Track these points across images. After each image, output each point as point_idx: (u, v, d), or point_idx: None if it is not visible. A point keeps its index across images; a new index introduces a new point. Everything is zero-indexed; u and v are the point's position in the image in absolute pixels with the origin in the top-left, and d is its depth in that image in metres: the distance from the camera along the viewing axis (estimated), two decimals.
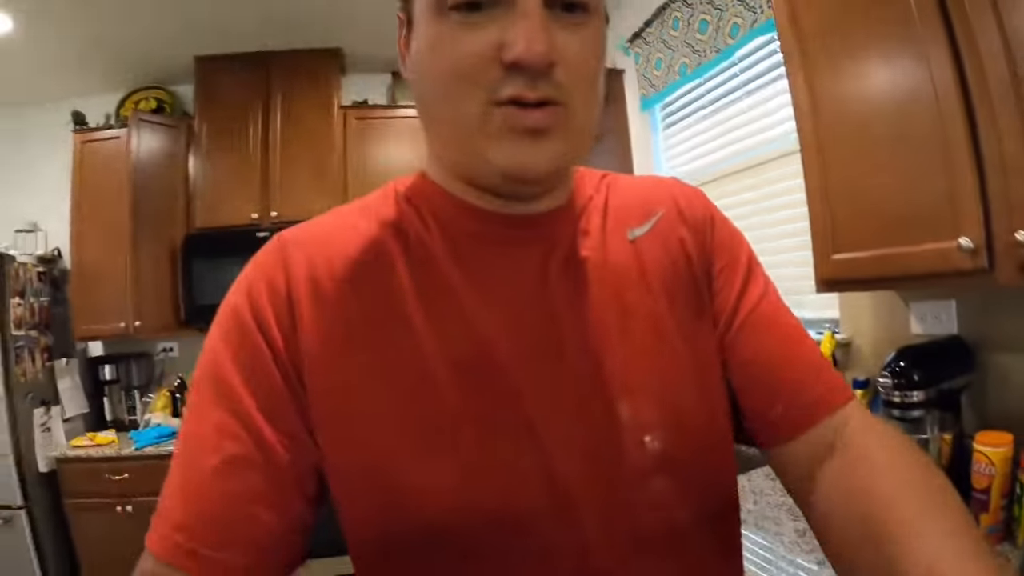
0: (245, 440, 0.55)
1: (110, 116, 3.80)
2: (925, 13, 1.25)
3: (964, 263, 1.23)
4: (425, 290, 0.59)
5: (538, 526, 0.55)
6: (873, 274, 1.47)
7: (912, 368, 1.47)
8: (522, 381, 0.57)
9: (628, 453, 0.58)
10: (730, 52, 2.51)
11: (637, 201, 0.70)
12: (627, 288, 0.64)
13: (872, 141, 1.45)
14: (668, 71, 2.87)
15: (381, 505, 0.55)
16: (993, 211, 1.19)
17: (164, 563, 0.52)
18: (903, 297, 1.82)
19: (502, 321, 0.58)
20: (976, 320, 1.62)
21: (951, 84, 1.22)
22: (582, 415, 0.58)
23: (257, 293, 0.58)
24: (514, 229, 0.63)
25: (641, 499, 0.58)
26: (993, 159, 1.17)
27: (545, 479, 0.55)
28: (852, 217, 1.53)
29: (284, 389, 0.56)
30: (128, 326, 3.45)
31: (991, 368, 1.57)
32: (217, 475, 0.54)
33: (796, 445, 0.63)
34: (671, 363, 0.62)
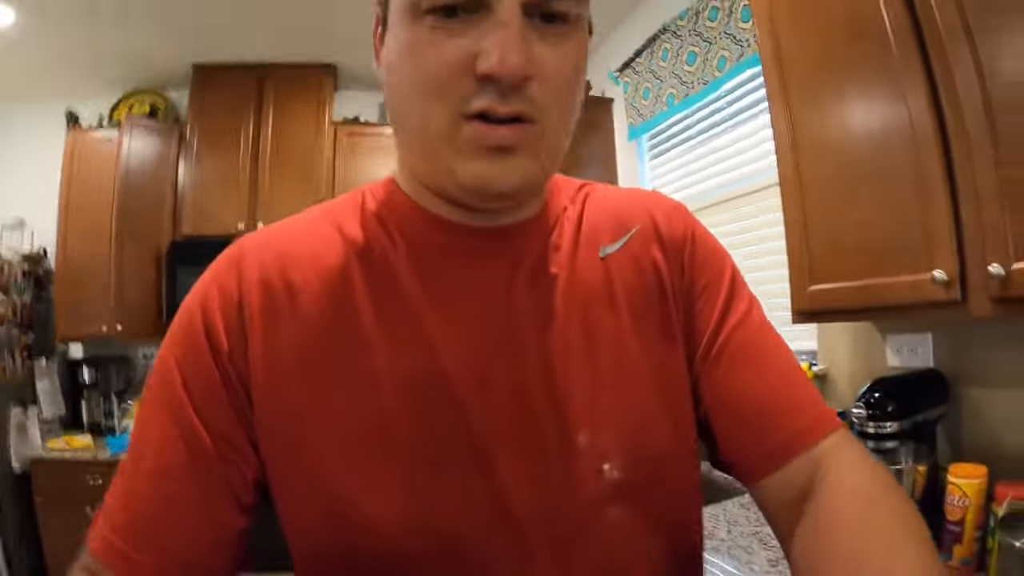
0: (181, 447, 0.54)
1: (103, 117, 3.81)
2: (904, 50, 1.29)
3: (938, 295, 1.26)
4: (383, 308, 0.57)
5: (485, 554, 0.54)
6: (848, 305, 1.50)
7: (887, 399, 1.49)
8: (476, 405, 0.55)
9: (584, 482, 0.56)
10: (717, 85, 2.55)
11: (612, 215, 0.68)
12: (594, 308, 0.61)
13: (850, 176, 1.49)
14: (656, 101, 2.92)
15: (325, 523, 0.54)
16: (967, 244, 1.22)
17: (95, 559, 0.53)
18: (880, 329, 1.85)
19: (462, 340, 0.57)
20: (952, 353, 1.64)
21: (927, 119, 1.26)
22: (536, 442, 0.56)
23: (210, 298, 0.57)
24: (481, 241, 0.61)
25: (597, 530, 0.56)
26: (968, 193, 1.21)
27: (494, 507, 0.54)
28: (829, 249, 1.56)
29: (226, 398, 0.55)
30: (110, 329, 3.43)
31: (966, 401, 1.59)
32: (152, 479, 0.54)
33: (772, 481, 0.60)
34: (634, 388, 0.60)
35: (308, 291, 0.57)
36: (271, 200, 3.58)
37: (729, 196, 2.56)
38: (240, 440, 0.56)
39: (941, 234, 1.25)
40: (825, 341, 2.07)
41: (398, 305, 0.57)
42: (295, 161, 3.62)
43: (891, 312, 1.41)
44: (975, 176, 1.18)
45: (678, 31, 2.74)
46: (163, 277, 3.53)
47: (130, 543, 0.53)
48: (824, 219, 1.57)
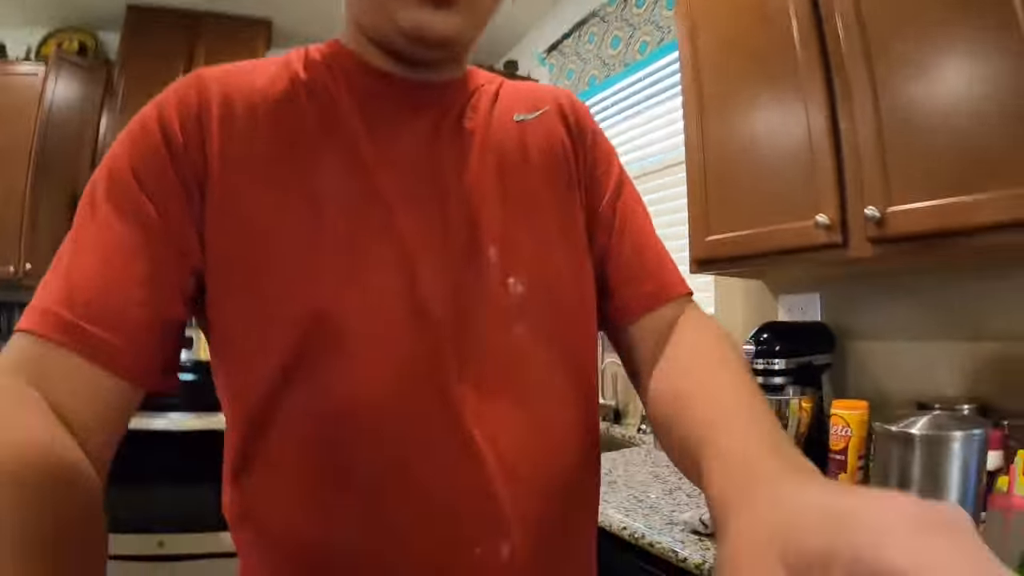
0: (130, 230, 0.55)
1: (31, 50, 3.69)
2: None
3: (820, 238, 1.42)
4: (327, 133, 0.62)
5: (400, 340, 0.58)
6: (741, 252, 1.66)
7: (774, 340, 1.64)
8: (405, 219, 0.60)
9: (493, 293, 0.62)
10: (637, 67, 2.71)
11: (527, 95, 0.76)
12: (508, 158, 0.69)
13: (746, 136, 1.66)
14: (578, 81, 3.06)
15: (257, 303, 0.57)
16: (848, 191, 1.38)
17: (42, 340, 0.50)
18: (772, 290, 2.02)
19: (394, 169, 0.62)
20: (839, 311, 1.82)
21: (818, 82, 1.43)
22: (454, 252, 0.62)
23: (167, 105, 0.60)
24: (414, 90, 0.66)
25: (506, 344, 0.62)
26: (849, 147, 1.36)
27: (414, 308, 0.59)
28: (724, 201, 1.73)
29: (178, 186, 0.57)
30: (18, 270, 3.31)
31: (851, 353, 1.78)
32: (100, 260, 0.54)
33: (645, 321, 0.72)
34: (539, 219, 0.68)
35: (262, 110, 0.61)
36: None
37: (643, 172, 2.71)
38: (189, 230, 0.57)
39: (824, 184, 1.42)
40: (722, 302, 2.25)
41: (340, 133, 0.62)
42: None
43: (779, 258, 1.57)
44: (856, 133, 1.35)
45: (605, 17, 2.89)
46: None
47: (82, 316, 0.51)
48: (721, 175, 1.75)
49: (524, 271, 0.64)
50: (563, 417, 0.65)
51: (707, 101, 1.78)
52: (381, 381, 0.57)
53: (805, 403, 1.56)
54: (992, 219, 1.12)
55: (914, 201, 1.25)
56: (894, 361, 1.67)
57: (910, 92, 1.25)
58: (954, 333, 1.54)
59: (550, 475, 0.62)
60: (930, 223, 1.22)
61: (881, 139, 1.30)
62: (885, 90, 1.29)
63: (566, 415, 0.66)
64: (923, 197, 1.23)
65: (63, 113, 3.44)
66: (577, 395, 0.67)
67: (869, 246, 1.34)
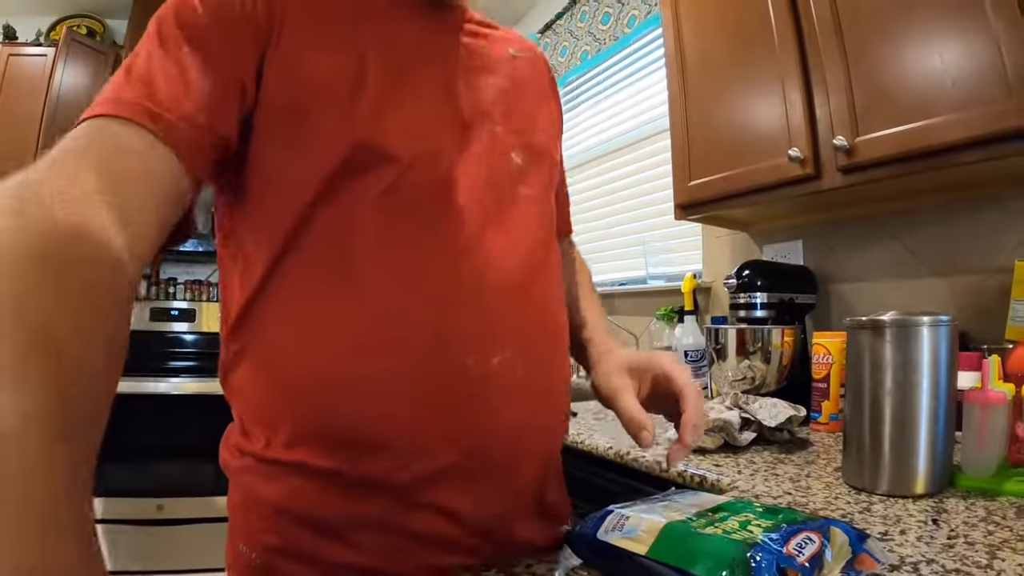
0: (201, 58, 0.59)
1: (41, 34, 3.79)
2: None
3: (794, 171, 1.50)
4: (367, 14, 0.70)
5: (445, 162, 0.69)
6: (721, 192, 1.74)
7: (756, 275, 1.70)
8: (434, 77, 0.72)
9: (504, 163, 0.76)
10: (627, 40, 2.78)
11: (516, 39, 0.89)
12: (509, 70, 0.82)
13: (723, 83, 1.74)
14: (571, 58, 3.14)
15: (303, 138, 0.64)
16: (819, 127, 1.45)
17: (120, 119, 0.53)
18: (757, 242, 2.09)
19: (422, 50, 0.72)
20: (820, 256, 1.89)
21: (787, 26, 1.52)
22: (476, 126, 0.74)
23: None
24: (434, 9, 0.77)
25: (516, 201, 0.76)
26: (819, 86, 1.45)
27: (448, 128, 0.72)
28: (704, 148, 1.81)
29: (246, 31, 0.62)
30: None
31: (833, 295, 1.84)
32: (175, 73, 0.58)
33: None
34: (532, 110, 0.84)
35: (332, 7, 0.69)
36: None
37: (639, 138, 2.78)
38: (250, 71, 0.63)
39: (796, 120, 1.50)
40: (709, 257, 2.32)
41: (376, 17, 0.71)
42: None
43: (758, 197, 1.64)
44: (825, 71, 1.43)
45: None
46: None
47: (156, 104, 0.55)
48: (701, 124, 1.83)
49: (520, 148, 0.79)
50: (541, 236, 0.80)
51: (688, 59, 1.86)
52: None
53: (787, 335, 1.61)
54: (952, 138, 1.20)
55: (880, 129, 1.32)
56: (875, 300, 1.73)
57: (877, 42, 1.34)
58: (932, 270, 1.60)
59: (524, 281, 0.73)
60: (895, 148, 1.29)
61: (849, 78, 1.39)
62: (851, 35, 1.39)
63: (542, 235, 0.80)
64: (888, 125, 1.31)
65: (72, 93, 3.52)
66: (541, 222, 0.81)
67: (840, 176, 1.42)
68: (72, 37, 3.54)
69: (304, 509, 0.65)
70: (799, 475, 1.04)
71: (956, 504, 0.85)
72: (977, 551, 0.67)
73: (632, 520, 0.59)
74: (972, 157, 1.20)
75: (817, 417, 1.46)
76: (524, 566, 0.65)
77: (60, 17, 3.88)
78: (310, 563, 0.65)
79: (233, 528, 0.71)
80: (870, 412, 0.94)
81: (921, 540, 0.71)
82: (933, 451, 0.90)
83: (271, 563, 0.66)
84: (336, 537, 0.65)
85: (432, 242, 0.67)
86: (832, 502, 0.88)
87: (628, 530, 0.58)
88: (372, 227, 0.65)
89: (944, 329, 0.92)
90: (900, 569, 0.62)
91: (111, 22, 3.90)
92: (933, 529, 0.75)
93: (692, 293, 2.18)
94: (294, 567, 0.65)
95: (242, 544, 0.68)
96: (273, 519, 0.66)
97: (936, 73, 1.23)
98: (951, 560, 0.65)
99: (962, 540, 0.71)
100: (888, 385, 0.92)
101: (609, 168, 2.94)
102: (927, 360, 0.91)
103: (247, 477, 0.69)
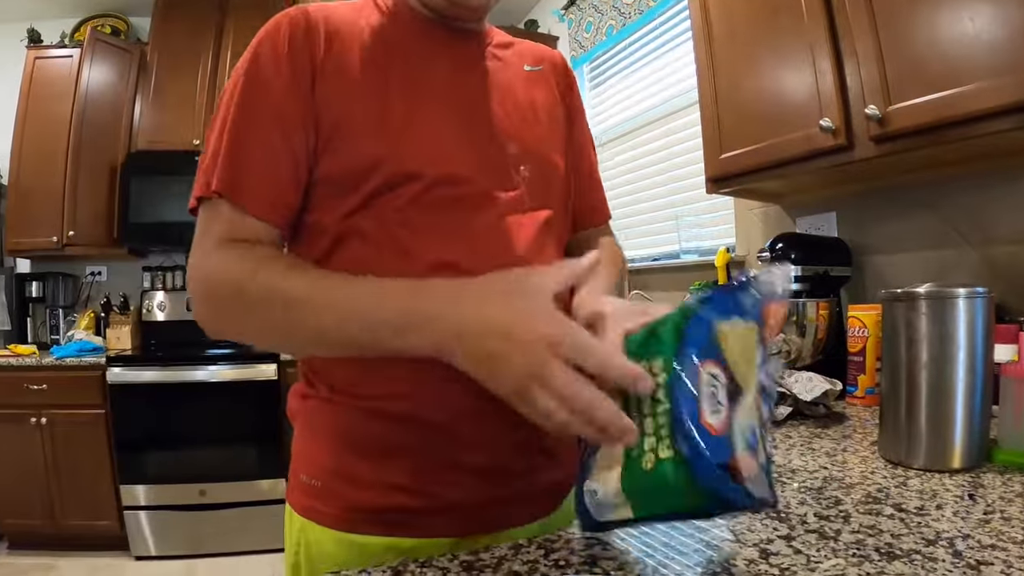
0: (275, 111, 0.75)
1: (65, 36, 3.85)
2: None
3: (827, 142, 1.48)
4: (391, 53, 0.82)
5: (477, 192, 0.80)
6: (753, 164, 1.71)
7: (789, 248, 1.69)
8: (442, 109, 0.82)
9: (511, 175, 0.84)
10: (652, 13, 2.75)
11: (531, 52, 0.99)
12: (517, 87, 0.91)
13: (752, 56, 1.72)
14: (596, 33, 3.12)
15: (345, 160, 0.77)
16: (850, 96, 1.43)
17: (230, 205, 0.74)
18: (790, 215, 2.07)
19: (434, 81, 0.83)
20: (855, 227, 1.86)
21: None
22: (488, 146, 0.84)
23: (280, 24, 0.78)
24: (450, 34, 0.87)
25: (516, 202, 0.84)
26: (849, 55, 1.42)
27: (461, 147, 0.81)
28: (735, 121, 1.79)
29: (306, 82, 0.76)
30: (60, 239, 3.49)
31: (868, 266, 1.82)
32: (259, 147, 0.75)
33: (581, 235, 1.02)
34: (540, 131, 0.91)
35: (348, 32, 0.81)
36: None
37: (668, 112, 2.76)
38: (309, 115, 0.76)
39: (827, 90, 1.47)
40: (742, 231, 2.30)
41: (399, 55, 0.82)
42: None
43: (790, 169, 1.62)
44: (855, 39, 1.41)
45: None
46: (117, 189, 3.61)
47: (250, 196, 0.74)
48: (730, 96, 1.81)
49: (529, 162, 0.86)
50: (549, 242, 0.89)
51: (715, 30, 1.84)
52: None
53: (822, 308, 1.60)
54: (985, 106, 1.18)
55: (912, 98, 1.30)
56: (910, 272, 1.69)
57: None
58: (968, 241, 1.57)
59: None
60: (928, 116, 1.27)
61: (879, 46, 1.36)
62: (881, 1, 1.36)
63: (549, 245, 0.89)
64: (920, 93, 1.29)
65: (100, 89, 3.60)
66: (559, 236, 0.93)
67: (873, 145, 1.40)
68: (96, 37, 3.60)
69: (355, 436, 0.79)
70: (835, 449, 1.05)
71: (993, 479, 0.85)
72: (1013, 526, 0.67)
73: (599, 493, 0.59)
74: (1006, 124, 1.17)
75: (853, 391, 1.43)
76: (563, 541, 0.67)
77: (84, 18, 3.94)
78: (359, 484, 0.78)
79: (295, 466, 0.84)
80: (906, 386, 0.93)
81: (957, 515, 0.71)
82: (969, 425, 0.89)
83: (328, 484, 0.79)
84: (381, 461, 0.77)
85: (452, 246, 0.78)
86: (868, 476, 0.88)
87: (605, 504, 0.59)
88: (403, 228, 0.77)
89: (980, 301, 0.90)
90: (936, 544, 0.63)
91: (134, 20, 3.96)
92: (969, 504, 0.75)
93: (726, 267, 2.18)
94: (346, 487, 0.78)
95: (303, 474, 0.82)
96: (330, 445, 0.80)
97: (968, 39, 1.20)
98: (987, 536, 0.65)
99: (998, 515, 0.71)
100: (924, 359, 0.91)
101: (639, 143, 2.92)
102: (963, 333, 0.90)
103: (310, 414, 0.84)
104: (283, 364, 3.18)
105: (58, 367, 3.17)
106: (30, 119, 3.53)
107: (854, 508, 0.74)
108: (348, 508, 0.78)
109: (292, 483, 0.85)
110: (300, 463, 0.84)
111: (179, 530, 3.16)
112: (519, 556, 0.63)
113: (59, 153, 3.48)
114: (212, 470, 3.17)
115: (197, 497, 3.16)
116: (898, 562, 0.58)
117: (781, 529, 0.68)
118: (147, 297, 3.89)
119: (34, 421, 3.13)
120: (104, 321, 3.68)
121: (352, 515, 0.77)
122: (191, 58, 3.71)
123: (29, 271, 3.84)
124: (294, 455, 0.86)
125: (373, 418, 0.78)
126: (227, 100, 0.77)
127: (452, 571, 0.60)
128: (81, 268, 3.95)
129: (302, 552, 0.81)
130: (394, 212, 0.76)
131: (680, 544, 0.65)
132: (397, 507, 0.77)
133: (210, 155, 0.76)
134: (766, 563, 0.59)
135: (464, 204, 0.79)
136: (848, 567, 0.57)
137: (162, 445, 3.19)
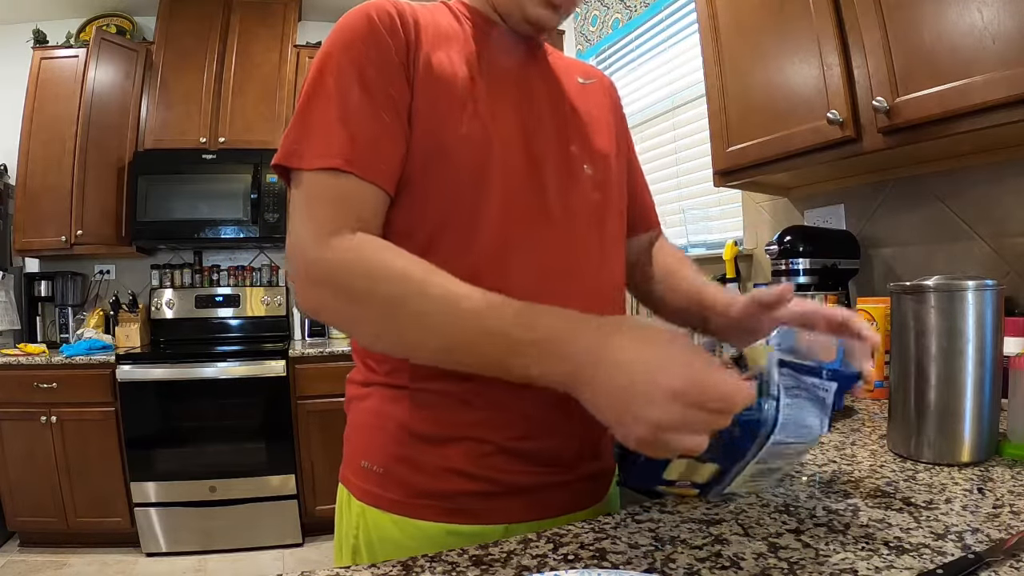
0: (376, 102, 0.76)
1: (71, 36, 3.85)
2: None
3: (834, 134, 1.47)
4: (469, 56, 0.85)
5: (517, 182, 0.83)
6: (761, 157, 1.71)
7: (797, 241, 1.68)
8: (525, 113, 0.86)
9: (580, 174, 0.90)
10: (657, 6, 2.74)
11: (580, 67, 1.05)
12: (580, 94, 0.97)
13: (759, 49, 1.72)
14: (602, 26, 3.11)
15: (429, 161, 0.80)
16: (857, 88, 1.42)
17: (347, 174, 0.73)
18: (798, 208, 2.07)
19: (515, 83, 0.88)
20: (863, 220, 1.86)
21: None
22: (559, 148, 0.89)
23: (384, 6, 0.80)
24: (517, 40, 0.92)
25: (588, 205, 0.90)
26: (856, 47, 1.41)
27: (525, 151, 0.85)
28: (742, 114, 1.79)
29: (402, 77, 0.78)
30: (69, 238, 3.50)
31: (876, 260, 1.82)
32: (365, 107, 0.76)
33: (638, 239, 1.09)
34: (600, 132, 0.96)
35: (434, 31, 0.83)
36: (233, 116, 3.70)
37: (674, 105, 2.76)
38: (406, 103, 0.78)
39: (834, 82, 1.47)
40: (750, 224, 2.29)
41: (474, 58, 0.85)
42: (258, 82, 3.74)
43: (798, 162, 1.62)
44: (862, 35, 1.40)
45: None
46: (125, 187, 3.62)
47: (365, 156, 0.74)
48: (737, 89, 1.81)
49: (591, 161, 0.92)
50: (611, 236, 0.95)
51: (721, 24, 1.84)
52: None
53: (831, 301, 1.59)
54: (994, 97, 1.18)
55: (920, 90, 1.29)
56: (919, 264, 1.70)
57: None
58: (976, 233, 1.57)
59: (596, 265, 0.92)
60: (936, 108, 1.27)
61: (886, 38, 1.35)
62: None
63: (610, 239, 0.95)
64: (928, 85, 1.28)
65: (106, 89, 3.60)
66: (617, 233, 0.98)
67: (881, 137, 1.39)
68: (102, 36, 3.60)
69: (417, 422, 0.81)
70: (844, 443, 1.04)
71: (1002, 473, 0.84)
72: (1023, 521, 0.67)
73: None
74: (1015, 116, 1.17)
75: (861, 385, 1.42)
76: (572, 535, 0.67)
77: (89, 18, 3.94)
78: (422, 469, 0.80)
79: (352, 451, 0.88)
80: (915, 379, 0.93)
81: (966, 509, 0.71)
82: (979, 419, 0.89)
83: (391, 469, 0.81)
84: (441, 446, 0.80)
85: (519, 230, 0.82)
86: (877, 470, 0.88)
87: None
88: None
89: (989, 294, 0.89)
90: (945, 538, 0.62)
91: (140, 19, 3.96)
92: (978, 498, 0.75)
93: (734, 260, 2.17)
94: (409, 472, 0.80)
95: (363, 460, 0.84)
96: (392, 432, 0.82)
97: (976, 30, 1.20)
98: (996, 530, 0.65)
99: (1008, 509, 0.71)
100: (933, 352, 0.91)
101: (646, 137, 2.92)
102: (972, 326, 0.89)
103: (374, 400, 0.85)
104: (292, 360, 3.19)
105: (68, 365, 3.18)
106: (37, 120, 3.54)
107: (863, 502, 0.74)
108: (410, 494, 0.80)
109: (351, 469, 0.87)
110: (359, 450, 0.86)
111: (190, 526, 3.18)
112: (528, 550, 0.63)
113: (66, 153, 3.49)
114: (222, 466, 3.19)
115: (207, 494, 3.18)
116: (907, 556, 0.58)
117: (790, 523, 0.68)
118: (155, 295, 3.91)
119: (44, 420, 3.14)
120: (113, 319, 3.69)
121: (414, 500, 0.80)
122: (197, 57, 3.72)
123: (38, 270, 3.85)
124: (351, 442, 0.88)
125: (434, 404, 0.80)
126: (318, 77, 0.77)
127: (461, 566, 0.60)
128: (89, 267, 3.96)
129: (361, 536, 0.83)
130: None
131: (689, 538, 0.65)
132: (456, 491, 0.80)
133: (318, 126, 0.75)
134: (775, 556, 0.59)
135: (539, 192, 0.83)
136: (857, 561, 0.57)
137: (172, 442, 3.20)
